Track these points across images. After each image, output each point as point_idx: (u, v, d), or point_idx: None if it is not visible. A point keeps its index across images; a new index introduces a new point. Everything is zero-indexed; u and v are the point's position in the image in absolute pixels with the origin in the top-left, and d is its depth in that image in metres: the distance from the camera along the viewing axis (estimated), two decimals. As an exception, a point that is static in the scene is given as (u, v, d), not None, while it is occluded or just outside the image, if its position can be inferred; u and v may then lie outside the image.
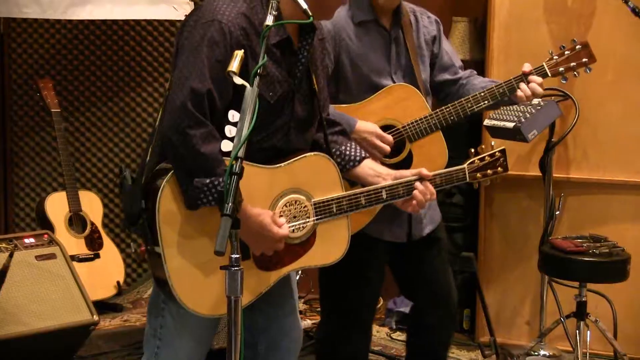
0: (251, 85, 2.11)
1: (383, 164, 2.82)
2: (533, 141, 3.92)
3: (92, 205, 4.98)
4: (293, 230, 2.43)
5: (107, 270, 4.95)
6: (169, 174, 2.28)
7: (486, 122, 3.96)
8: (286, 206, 2.43)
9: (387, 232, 2.99)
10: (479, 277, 4.31)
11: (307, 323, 4.82)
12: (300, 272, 4.40)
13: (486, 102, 2.93)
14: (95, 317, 3.89)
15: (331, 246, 2.51)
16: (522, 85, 2.91)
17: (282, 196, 2.42)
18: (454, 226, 4.62)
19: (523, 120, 3.72)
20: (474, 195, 4.53)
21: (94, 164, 5.43)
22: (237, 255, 1.99)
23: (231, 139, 2.13)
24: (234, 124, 2.16)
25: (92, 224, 4.93)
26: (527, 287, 4.45)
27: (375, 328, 4.73)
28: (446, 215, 4.54)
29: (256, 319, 2.61)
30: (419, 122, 2.91)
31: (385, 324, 4.85)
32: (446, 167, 2.94)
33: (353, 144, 2.68)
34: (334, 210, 2.49)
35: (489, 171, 2.74)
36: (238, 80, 2.14)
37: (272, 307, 2.61)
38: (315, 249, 2.48)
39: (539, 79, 2.92)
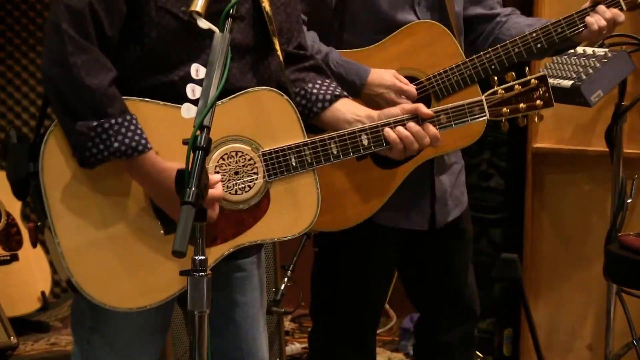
0: (221, 29, 2.11)
1: None
2: (597, 105, 3.93)
3: (7, 191, 4.98)
4: (235, 191, 2.41)
5: (29, 277, 4.96)
6: (54, 122, 2.30)
7: (535, 79, 3.96)
8: (223, 159, 2.39)
9: (403, 218, 3.02)
10: (525, 286, 4.33)
11: (295, 347, 4.84)
12: (285, 280, 4.42)
13: (539, 44, 2.92)
14: (13, 340, 3.91)
15: (293, 212, 2.47)
16: (594, 14, 2.91)
17: (217, 146, 2.38)
18: (491, 219, 4.65)
19: (584, 77, 3.73)
20: (519, 178, 4.54)
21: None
22: (203, 257, 2.01)
23: (195, 102, 2.14)
24: (199, 82, 2.17)
25: (8, 215, 4.94)
26: (588, 300, 4.48)
27: (386, 354, 4.77)
28: (481, 203, 4.59)
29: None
30: (450, 72, 2.92)
31: (400, 349, 4.88)
32: (480, 137, 2.96)
33: (327, 80, 2.64)
34: (293, 163, 2.44)
35: (521, 105, 2.61)
36: (204, 24, 2.15)
37: (226, 319, 2.60)
38: (270, 216, 2.44)
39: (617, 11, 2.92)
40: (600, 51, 3.77)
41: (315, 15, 2.93)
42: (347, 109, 2.59)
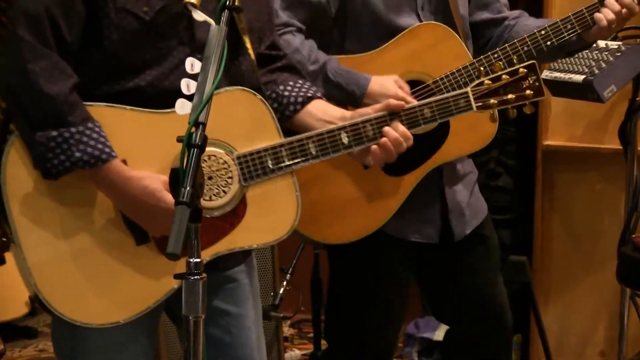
0: (217, 22, 2.11)
1: None
2: (611, 101, 3.92)
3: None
4: (210, 197, 2.39)
5: (16, 281, 4.95)
6: (15, 132, 2.28)
7: (545, 74, 3.96)
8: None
9: (412, 230, 3.01)
10: (535, 289, 4.32)
11: (295, 354, 4.84)
12: (284, 283, 4.42)
13: (549, 42, 2.92)
14: (0, 346, 3.90)
15: (272, 217, 2.46)
16: (605, 10, 2.91)
17: None
18: (499, 219, 4.62)
19: (597, 71, 3.72)
20: (528, 177, 4.54)
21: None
22: (198, 260, 2.00)
23: (190, 98, 2.13)
24: (194, 77, 2.16)
25: (-5, 216, 4.94)
26: (600, 304, 4.48)
27: (390, 361, 4.76)
28: (489, 203, 4.55)
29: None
30: (457, 74, 2.91)
31: (404, 355, 4.87)
32: (491, 142, 2.95)
33: (299, 81, 2.63)
34: (270, 166, 2.43)
35: (509, 96, 2.58)
36: (199, 17, 2.15)
37: (220, 330, 2.58)
38: (247, 222, 2.42)
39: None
40: (613, 44, 3.77)
41: (314, 24, 2.93)
42: (320, 111, 2.58)
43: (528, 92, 2.59)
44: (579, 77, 3.77)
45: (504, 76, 2.58)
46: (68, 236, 2.30)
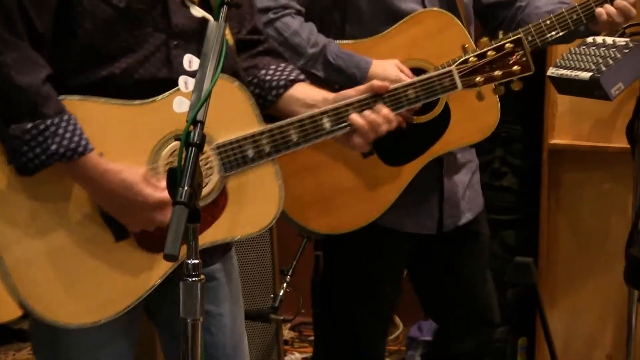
0: (216, 18, 2.11)
1: (408, 123, 2.82)
2: (618, 99, 3.92)
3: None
4: None
5: (10, 283, 4.96)
6: None
7: (551, 71, 3.95)
8: (174, 156, 2.34)
9: (410, 221, 3.01)
10: (540, 291, 4.32)
11: (295, 357, 4.84)
12: (284, 285, 4.42)
13: (554, 32, 2.94)
14: (-6, 349, 3.90)
15: (254, 207, 2.44)
16: (607, 5, 2.93)
17: (167, 142, 2.35)
18: (504, 220, 4.64)
19: (604, 68, 3.71)
20: (534, 176, 4.53)
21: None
22: (196, 261, 1.99)
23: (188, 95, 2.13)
24: (192, 74, 2.16)
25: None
26: (607, 306, 4.48)
27: (392, 364, 4.77)
28: (494, 203, 4.57)
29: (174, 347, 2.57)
30: None
31: (407, 359, 4.87)
32: (493, 133, 2.95)
33: (281, 65, 2.62)
34: (250, 155, 2.41)
35: (496, 72, 2.56)
36: (198, 12, 2.15)
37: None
38: (229, 214, 2.41)
39: None
40: (621, 41, 3.76)
41: (314, 7, 2.93)
42: (303, 94, 2.57)
43: (515, 67, 2.58)
44: (586, 75, 3.76)
45: (489, 52, 2.57)
46: (45, 234, 2.29)
